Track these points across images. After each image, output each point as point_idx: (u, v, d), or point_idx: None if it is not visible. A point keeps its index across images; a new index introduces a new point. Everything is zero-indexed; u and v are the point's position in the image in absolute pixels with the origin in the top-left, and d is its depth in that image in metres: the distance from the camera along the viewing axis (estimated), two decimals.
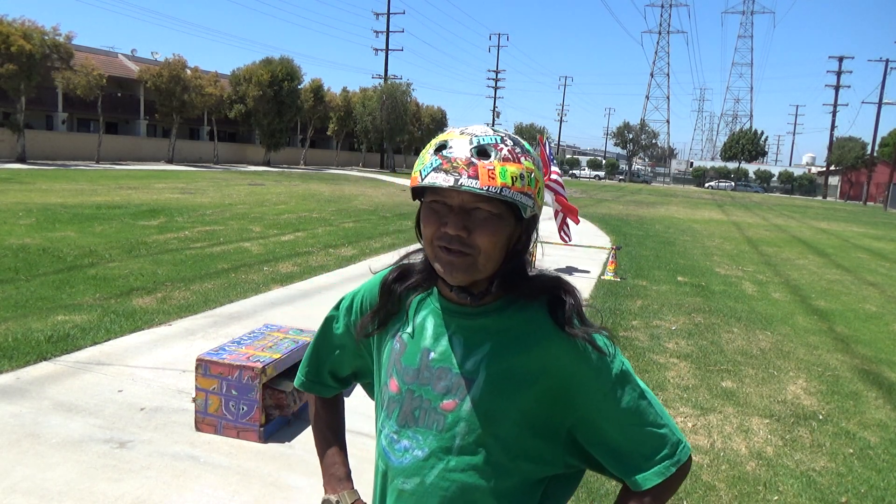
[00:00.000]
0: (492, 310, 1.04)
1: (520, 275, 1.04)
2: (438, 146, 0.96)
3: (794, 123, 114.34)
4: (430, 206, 0.99)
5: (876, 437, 4.06)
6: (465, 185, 0.92)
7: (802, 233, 19.80)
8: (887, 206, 46.98)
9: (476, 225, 0.95)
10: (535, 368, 1.01)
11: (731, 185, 73.39)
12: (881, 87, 76.98)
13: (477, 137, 0.95)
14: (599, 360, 1.01)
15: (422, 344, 1.07)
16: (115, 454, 3.16)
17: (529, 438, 1.03)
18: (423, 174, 0.96)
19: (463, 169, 0.92)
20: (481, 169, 0.92)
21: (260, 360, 3.45)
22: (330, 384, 1.29)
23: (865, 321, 7.52)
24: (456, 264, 0.97)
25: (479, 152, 0.94)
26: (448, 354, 1.04)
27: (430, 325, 1.08)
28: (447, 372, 1.03)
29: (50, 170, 24.51)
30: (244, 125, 41.97)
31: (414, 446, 1.05)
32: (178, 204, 14.84)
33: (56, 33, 27.64)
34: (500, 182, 0.92)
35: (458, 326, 1.05)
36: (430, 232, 0.98)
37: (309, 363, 1.30)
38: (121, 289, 6.47)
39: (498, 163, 0.93)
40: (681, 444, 1.04)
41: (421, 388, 1.05)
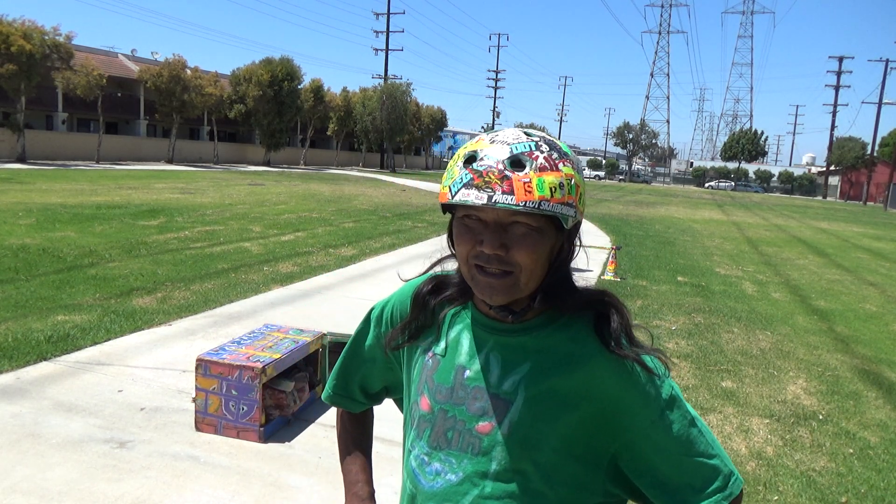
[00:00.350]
0: (532, 326, 0.97)
1: (564, 288, 0.97)
2: (468, 157, 0.89)
3: (794, 123, 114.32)
4: (462, 223, 0.92)
5: (876, 437, 4.06)
6: (500, 203, 0.85)
7: (802, 233, 19.80)
8: (887, 206, 46.98)
9: (514, 241, 0.89)
10: (579, 391, 0.94)
11: (731, 185, 73.40)
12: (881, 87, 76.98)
13: (510, 146, 0.88)
14: (649, 384, 0.95)
15: (456, 361, 1.00)
16: (115, 454, 3.16)
17: (570, 465, 0.96)
18: (452, 190, 0.88)
19: (496, 184, 0.85)
20: (516, 182, 0.85)
21: (260, 360, 3.45)
22: (359, 399, 1.22)
23: (865, 321, 7.52)
24: (496, 286, 0.90)
25: (513, 163, 0.86)
26: (484, 373, 0.98)
27: (465, 341, 1.01)
28: (483, 392, 0.97)
29: (50, 170, 24.51)
30: (244, 125, 41.97)
31: (447, 469, 0.98)
32: (178, 204, 14.84)
33: (56, 33, 27.64)
34: (537, 196, 0.85)
35: (495, 343, 0.98)
36: (465, 250, 0.92)
37: (337, 376, 1.23)
38: (121, 289, 6.47)
39: (534, 174, 0.86)
40: (733, 477, 0.96)
41: (455, 409, 0.98)
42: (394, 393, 1.22)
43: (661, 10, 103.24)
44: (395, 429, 3.78)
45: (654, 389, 0.95)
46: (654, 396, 0.95)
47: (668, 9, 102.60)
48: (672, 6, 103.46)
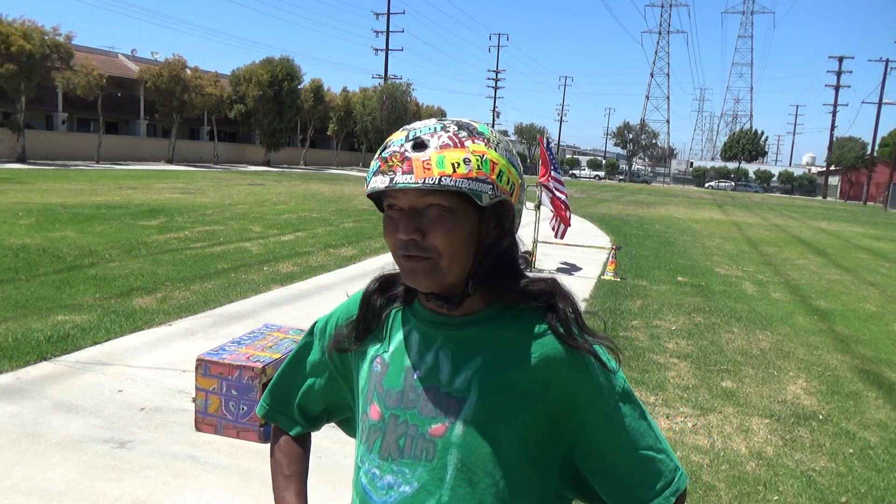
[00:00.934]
0: (482, 319, 0.94)
1: (506, 275, 0.93)
2: (381, 149, 0.89)
3: (794, 123, 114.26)
4: (387, 216, 0.91)
5: (876, 437, 4.07)
6: (399, 183, 0.84)
7: (802, 233, 19.80)
8: (887, 206, 46.98)
9: (429, 225, 0.87)
10: (535, 384, 0.90)
11: (731, 185, 73.39)
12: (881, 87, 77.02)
13: (414, 130, 0.88)
14: (603, 376, 0.92)
15: (405, 362, 0.96)
16: (115, 454, 3.16)
17: (525, 467, 0.92)
18: (367, 181, 0.89)
19: (398, 166, 0.85)
20: (416, 162, 0.84)
21: (260, 360, 3.45)
22: (297, 418, 1.13)
23: (865, 321, 7.52)
24: (417, 270, 0.88)
25: (414, 145, 0.85)
26: (434, 371, 0.93)
27: (413, 341, 0.97)
28: (435, 391, 0.92)
29: (50, 170, 24.51)
30: (244, 125, 41.99)
31: (400, 481, 0.92)
32: (178, 204, 14.84)
33: (56, 33, 27.65)
34: (437, 172, 0.83)
35: (444, 339, 0.94)
36: (391, 242, 0.90)
37: (275, 390, 1.15)
38: (121, 289, 6.47)
39: (435, 152, 0.84)
40: (678, 471, 0.95)
41: (406, 413, 0.93)
42: (336, 415, 1.15)
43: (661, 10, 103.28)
44: None
45: (608, 381, 0.92)
46: (609, 388, 0.92)
47: (668, 9, 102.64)
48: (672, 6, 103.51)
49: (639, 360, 5.29)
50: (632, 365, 5.12)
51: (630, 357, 5.33)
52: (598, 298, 7.63)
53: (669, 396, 4.52)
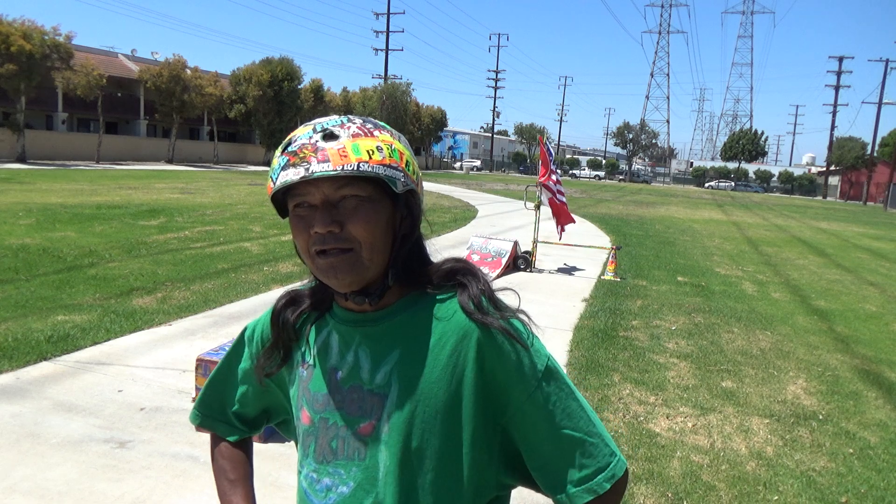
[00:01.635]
0: (395, 311, 0.92)
1: (418, 262, 0.93)
2: (285, 144, 0.87)
3: (794, 123, 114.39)
4: (296, 214, 0.87)
5: (876, 437, 4.07)
6: (316, 172, 0.81)
7: (802, 233, 19.80)
8: (887, 206, 46.98)
9: (347, 216, 0.84)
10: (454, 370, 0.88)
11: (731, 185, 73.39)
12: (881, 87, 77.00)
13: (320, 123, 0.87)
14: (522, 354, 0.88)
15: (328, 364, 0.94)
16: (115, 454, 3.16)
17: (458, 457, 0.89)
18: (273, 178, 0.85)
19: (311, 156, 0.82)
20: (331, 151, 0.82)
21: None
22: (235, 424, 1.11)
23: (865, 321, 7.52)
24: (338, 265, 0.85)
25: (325, 136, 0.84)
26: (356, 370, 0.91)
27: (333, 342, 0.95)
28: (358, 390, 0.91)
29: (50, 170, 24.52)
30: (244, 125, 41.99)
31: (337, 483, 0.91)
32: (178, 204, 14.84)
33: (56, 33, 27.67)
34: (354, 159, 0.82)
35: (362, 337, 0.92)
36: (304, 241, 0.86)
37: (207, 397, 1.12)
38: (121, 289, 6.47)
39: (348, 140, 0.84)
40: (615, 457, 0.90)
41: (334, 415, 0.92)
42: (274, 416, 1.12)
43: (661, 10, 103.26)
44: None
45: (529, 359, 0.89)
46: (530, 367, 0.89)
47: (668, 9, 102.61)
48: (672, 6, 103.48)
49: (639, 359, 5.29)
50: (632, 365, 5.12)
51: (630, 357, 5.33)
52: (597, 298, 7.63)
53: (669, 396, 4.52)
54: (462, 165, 74.32)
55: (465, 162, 76.39)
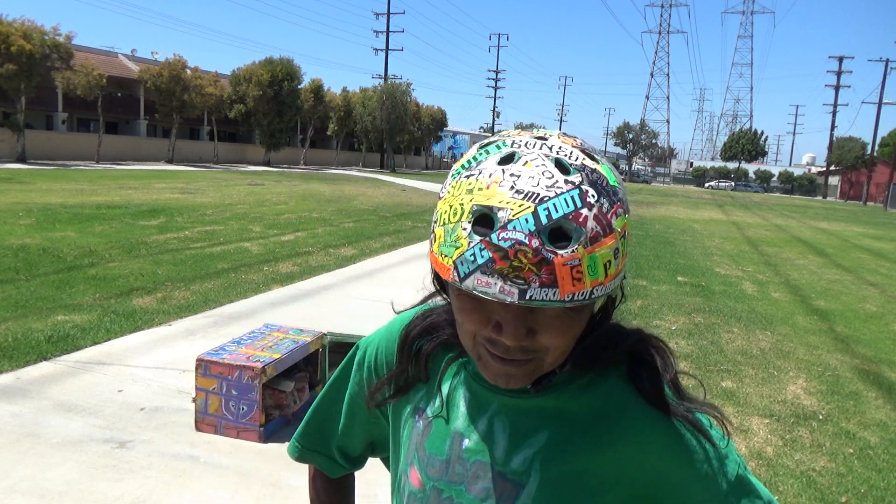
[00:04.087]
0: (549, 385, 0.74)
1: (603, 343, 0.74)
2: (478, 215, 0.60)
3: (794, 123, 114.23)
4: (472, 296, 0.64)
5: (876, 437, 4.07)
6: (537, 300, 0.58)
7: (802, 233, 19.80)
8: (887, 206, 46.99)
9: (542, 325, 0.64)
10: (613, 469, 0.72)
11: (731, 185, 73.44)
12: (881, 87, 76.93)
13: (544, 203, 0.58)
14: (707, 457, 0.71)
15: (452, 426, 0.78)
16: (115, 454, 3.16)
17: None
18: (460, 270, 0.60)
19: (531, 271, 0.57)
20: (560, 268, 0.58)
21: (260, 360, 3.45)
22: (337, 459, 0.96)
23: (865, 321, 7.52)
24: (514, 375, 0.67)
25: (552, 235, 0.58)
26: (488, 444, 0.75)
27: (463, 401, 0.78)
28: (486, 469, 0.74)
29: (50, 170, 24.52)
30: (244, 125, 42.00)
31: None
32: (178, 204, 14.84)
33: (56, 33, 27.66)
34: (589, 283, 0.59)
35: (501, 405, 0.75)
36: (473, 328, 0.67)
37: (310, 426, 0.97)
38: (121, 289, 6.47)
39: (584, 249, 0.58)
40: None
41: (452, 489, 0.76)
42: (380, 451, 0.97)
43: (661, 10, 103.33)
44: None
45: (716, 465, 0.71)
46: (715, 475, 0.71)
47: (668, 9, 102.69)
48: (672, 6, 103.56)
49: None
50: None
51: None
52: None
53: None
54: None
55: None
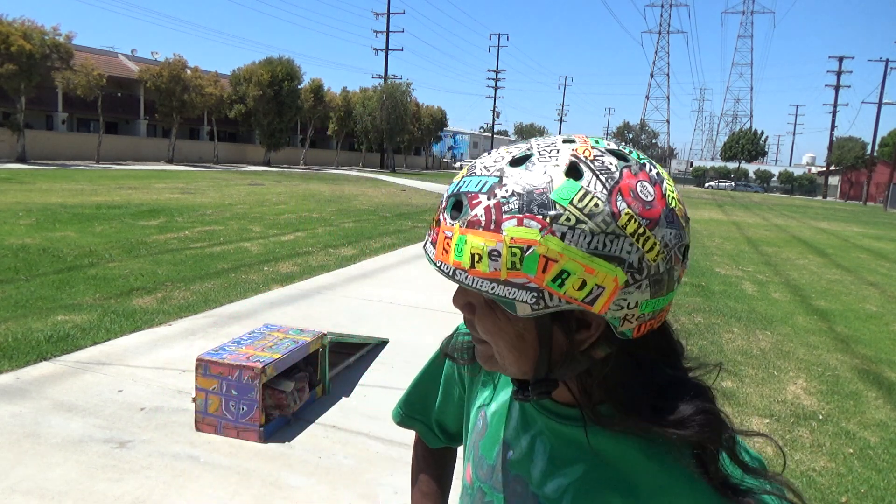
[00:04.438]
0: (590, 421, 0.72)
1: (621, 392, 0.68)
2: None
3: (794, 123, 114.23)
4: None
5: (876, 437, 4.07)
6: (427, 253, 0.65)
7: (802, 233, 19.80)
8: (887, 206, 46.99)
9: (476, 308, 0.68)
10: None
11: (731, 185, 73.45)
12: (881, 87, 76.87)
13: (467, 178, 0.63)
14: None
15: (502, 434, 0.79)
16: (115, 454, 3.16)
17: None
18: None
19: (431, 228, 0.65)
20: (441, 234, 0.63)
21: (260, 360, 3.45)
22: (435, 431, 1.00)
23: (865, 321, 7.52)
24: (480, 352, 0.71)
25: (454, 204, 0.63)
26: (527, 462, 0.75)
27: (515, 412, 0.79)
28: (524, 486, 0.75)
29: (50, 170, 24.52)
30: (244, 125, 42.00)
31: None
32: (178, 204, 14.84)
33: (56, 33, 27.64)
34: (452, 261, 0.61)
35: (544, 426, 0.75)
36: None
37: (411, 396, 1.01)
38: (121, 289, 6.47)
39: (459, 227, 0.61)
40: None
41: (493, 494, 0.78)
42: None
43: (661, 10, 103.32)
44: (394, 429, 3.77)
45: None
46: None
47: (668, 9, 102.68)
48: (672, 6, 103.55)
49: None
50: None
51: None
52: None
53: None
54: (462, 165, 74.38)
55: (466, 162, 76.40)
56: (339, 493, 2.96)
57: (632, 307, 0.61)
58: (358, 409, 3.95)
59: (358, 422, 3.75)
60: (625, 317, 0.61)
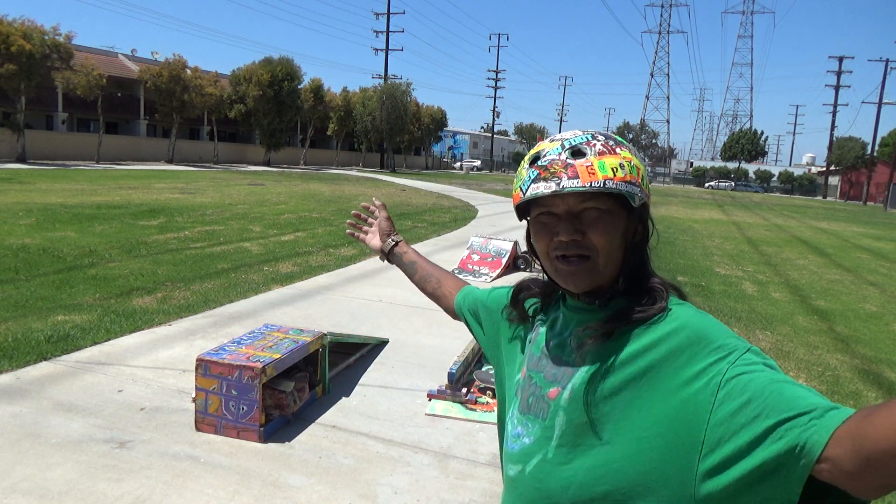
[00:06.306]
0: (615, 307, 0.99)
1: (643, 273, 1.02)
2: (532, 158, 0.96)
3: (794, 123, 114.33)
4: (538, 221, 0.98)
5: None
6: (567, 188, 0.91)
7: (802, 233, 19.79)
8: (887, 206, 46.97)
9: (588, 226, 0.94)
10: (638, 348, 0.93)
11: (731, 185, 73.40)
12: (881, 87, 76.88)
13: (568, 140, 0.95)
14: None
15: (549, 334, 1.06)
16: (115, 454, 3.16)
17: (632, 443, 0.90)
18: (524, 189, 0.96)
19: (562, 172, 0.92)
20: (580, 168, 0.91)
21: (260, 360, 3.45)
22: (458, 300, 1.39)
23: (865, 321, 7.52)
24: (577, 273, 0.95)
25: (573, 153, 0.93)
26: (565, 342, 1.01)
27: (558, 321, 1.06)
28: (558, 359, 1.00)
29: (50, 170, 24.51)
30: (244, 125, 41.99)
31: (524, 433, 1.02)
32: (178, 204, 14.84)
33: (56, 33, 27.65)
34: (601, 176, 0.91)
35: (579, 321, 1.01)
36: (544, 246, 0.98)
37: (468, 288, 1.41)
38: (121, 289, 6.47)
39: (595, 158, 0.92)
40: None
41: (537, 375, 1.03)
42: (475, 326, 1.33)
43: (661, 10, 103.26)
44: (394, 429, 3.76)
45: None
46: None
47: (668, 9, 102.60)
48: (672, 6, 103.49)
49: None
50: None
51: None
52: None
53: None
54: (462, 165, 74.30)
55: (465, 162, 76.37)
56: (339, 493, 2.96)
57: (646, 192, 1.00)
58: (358, 409, 3.95)
59: (358, 422, 3.75)
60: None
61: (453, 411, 3.93)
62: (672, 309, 0.95)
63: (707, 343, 0.87)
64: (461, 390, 4.08)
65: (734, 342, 0.86)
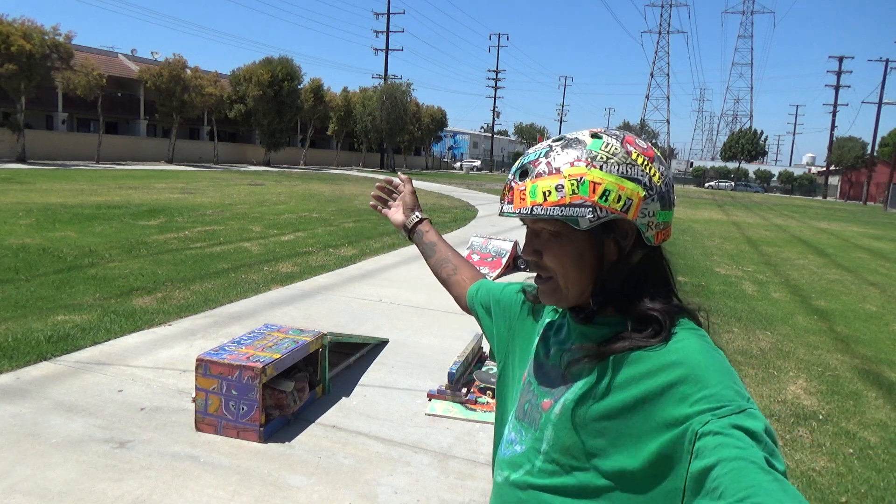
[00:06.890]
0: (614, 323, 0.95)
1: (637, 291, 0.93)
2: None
3: (794, 123, 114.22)
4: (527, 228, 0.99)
5: (876, 437, 4.06)
6: (504, 213, 0.93)
7: (802, 232, 19.79)
8: (887, 206, 46.96)
9: (543, 246, 0.93)
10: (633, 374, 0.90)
11: (731, 185, 73.41)
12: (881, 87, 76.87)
13: (526, 156, 0.93)
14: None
15: (552, 340, 1.04)
16: (115, 454, 3.16)
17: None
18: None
19: (505, 195, 0.93)
20: (516, 192, 0.91)
21: (260, 360, 3.45)
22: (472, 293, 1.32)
23: (865, 321, 7.52)
24: (543, 291, 0.96)
25: (521, 173, 0.91)
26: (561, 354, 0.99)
27: (564, 328, 1.04)
28: (556, 370, 0.98)
29: (50, 170, 24.51)
30: (244, 125, 41.99)
31: (517, 440, 1.01)
32: (178, 204, 14.84)
33: (56, 33, 27.64)
34: (529, 202, 0.89)
35: (579, 334, 0.99)
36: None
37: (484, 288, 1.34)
38: (121, 289, 6.47)
39: (531, 181, 0.89)
40: None
41: (535, 382, 1.01)
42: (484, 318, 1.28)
43: (661, 10, 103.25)
44: (394, 429, 3.76)
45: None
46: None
47: (668, 9, 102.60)
48: (672, 6, 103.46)
49: None
50: None
51: None
52: None
53: None
54: (462, 165, 74.31)
55: (465, 162, 76.38)
56: (339, 493, 2.96)
57: (651, 216, 0.90)
58: (358, 409, 3.95)
59: (358, 422, 3.75)
60: (648, 224, 0.90)
61: (453, 411, 3.93)
62: (676, 335, 0.90)
63: (701, 387, 0.81)
64: (461, 390, 4.08)
65: (730, 394, 0.80)
